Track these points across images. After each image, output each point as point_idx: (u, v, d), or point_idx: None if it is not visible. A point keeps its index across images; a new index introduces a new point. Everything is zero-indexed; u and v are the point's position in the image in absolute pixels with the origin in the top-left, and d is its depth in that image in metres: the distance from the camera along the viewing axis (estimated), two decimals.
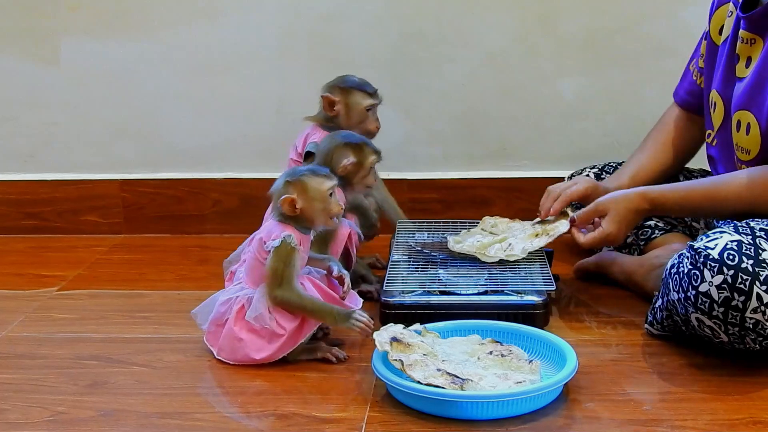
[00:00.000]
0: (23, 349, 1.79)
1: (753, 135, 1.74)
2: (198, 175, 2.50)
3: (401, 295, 1.79)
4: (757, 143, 1.74)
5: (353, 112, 2.02)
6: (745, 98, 1.76)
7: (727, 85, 1.83)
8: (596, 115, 2.42)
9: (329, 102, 2.01)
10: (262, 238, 1.68)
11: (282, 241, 1.64)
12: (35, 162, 2.53)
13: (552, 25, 2.39)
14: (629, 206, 1.79)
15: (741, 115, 1.78)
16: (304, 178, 1.67)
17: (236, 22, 2.42)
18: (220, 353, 1.69)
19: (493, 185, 2.45)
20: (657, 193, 1.80)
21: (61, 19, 2.44)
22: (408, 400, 1.51)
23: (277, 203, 1.67)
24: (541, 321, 1.77)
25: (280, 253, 1.64)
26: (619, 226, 1.79)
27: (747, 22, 1.78)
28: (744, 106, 1.77)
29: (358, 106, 2.02)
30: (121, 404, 1.56)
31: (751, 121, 1.75)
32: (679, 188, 1.82)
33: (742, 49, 1.80)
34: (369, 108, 2.02)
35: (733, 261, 1.51)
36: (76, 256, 2.35)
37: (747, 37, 1.78)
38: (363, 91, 2.02)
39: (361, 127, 2.01)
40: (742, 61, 1.80)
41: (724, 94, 1.85)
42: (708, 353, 1.66)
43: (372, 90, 2.03)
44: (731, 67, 1.83)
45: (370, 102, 2.02)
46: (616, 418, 1.47)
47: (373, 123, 2.03)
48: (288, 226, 1.66)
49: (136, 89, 2.47)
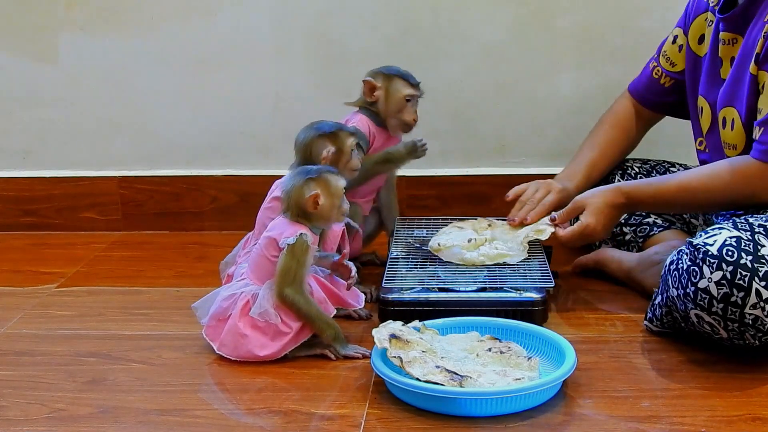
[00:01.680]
0: (22, 346, 1.78)
1: (737, 129, 1.77)
2: (196, 171, 2.50)
3: (400, 292, 1.79)
4: (742, 136, 1.76)
5: (392, 100, 2.00)
6: (728, 94, 1.79)
7: (712, 89, 1.86)
8: (593, 110, 2.40)
9: (370, 87, 2.01)
10: (273, 236, 1.68)
11: (297, 239, 1.65)
12: (33, 159, 2.53)
13: (548, 21, 2.39)
14: (606, 200, 1.83)
15: (726, 112, 1.80)
16: (327, 175, 1.70)
17: (233, 18, 2.42)
18: (221, 348, 1.69)
19: (491, 181, 2.45)
20: (632, 187, 1.84)
21: (57, 16, 2.44)
22: (407, 397, 1.51)
23: (295, 200, 1.68)
24: (540, 318, 1.77)
25: (295, 252, 1.65)
26: (597, 218, 1.83)
27: (726, 24, 1.81)
28: (727, 103, 1.80)
29: (398, 94, 2.00)
30: (120, 401, 1.56)
31: (735, 117, 1.77)
32: (654, 182, 1.86)
33: (724, 51, 1.83)
34: (409, 98, 2.00)
35: (732, 257, 1.51)
36: (74, 253, 2.35)
37: (728, 38, 1.82)
38: (405, 80, 2.01)
39: (398, 117, 2.01)
40: (726, 63, 1.83)
41: (709, 98, 1.87)
42: (707, 350, 1.66)
43: (415, 81, 2.02)
44: (715, 71, 1.86)
45: (410, 92, 2.00)
46: (615, 414, 1.47)
47: (410, 114, 2.01)
48: (301, 225, 1.68)
49: (134, 86, 2.47)
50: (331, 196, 1.69)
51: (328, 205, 1.69)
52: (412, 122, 2.02)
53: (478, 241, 1.94)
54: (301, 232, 1.66)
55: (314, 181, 1.69)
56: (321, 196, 1.68)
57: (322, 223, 1.71)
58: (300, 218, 1.69)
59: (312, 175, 1.69)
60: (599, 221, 1.83)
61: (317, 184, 1.68)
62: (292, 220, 1.69)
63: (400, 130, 2.05)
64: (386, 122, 2.03)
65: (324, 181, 1.69)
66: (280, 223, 1.70)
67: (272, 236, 1.68)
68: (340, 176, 1.72)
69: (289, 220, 1.69)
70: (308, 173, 1.70)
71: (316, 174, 1.70)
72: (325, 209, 1.69)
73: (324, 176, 1.70)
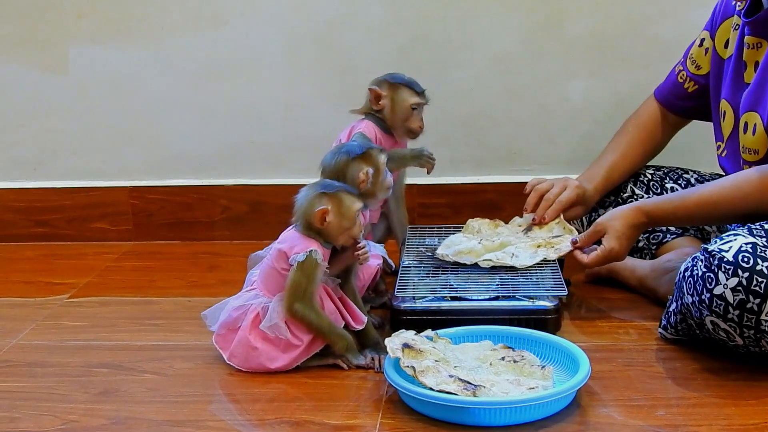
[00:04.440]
0: (34, 358, 1.78)
1: (759, 134, 1.75)
2: (206, 181, 2.50)
3: (412, 301, 1.79)
4: (764, 142, 1.74)
5: (398, 108, 2.01)
6: (751, 99, 1.78)
7: (736, 93, 1.85)
8: (604, 117, 2.41)
9: (376, 96, 2.01)
10: (284, 249, 1.65)
11: (308, 256, 1.63)
12: (44, 170, 2.53)
13: (558, 28, 2.39)
14: (627, 222, 1.83)
15: (748, 116, 1.79)
16: (341, 193, 1.65)
17: (242, 28, 2.42)
18: (231, 359, 1.68)
19: (502, 189, 2.44)
20: (652, 206, 1.83)
21: (68, 27, 2.45)
22: (420, 406, 1.50)
23: (303, 212, 1.65)
24: (553, 326, 1.76)
25: (305, 269, 1.62)
26: (621, 241, 1.82)
27: (751, 27, 1.80)
28: (750, 107, 1.78)
29: (404, 103, 2.01)
30: (132, 412, 1.55)
31: (757, 122, 1.76)
32: (674, 198, 1.83)
33: (749, 55, 1.82)
34: (415, 107, 2.01)
35: (748, 263, 1.50)
36: (85, 264, 2.35)
37: (752, 42, 1.80)
38: (411, 88, 2.01)
39: (405, 125, 2.02)
40: (750, 67, 1.82)
41: (733, 102, 1.86)
42: (722, 358, 1.65)
43: (420, 89, 2.02)
44: (739, 74, 1.85)
45: (416, 100, 2.01)
46: (630, 423, 1.47)
47: (417, 122, 2.02)
48: (312, 241, 1.65)
49: (144, 96, 2.48)
50: (340, 216, 1.64)
51: (336, 225, 1.65)
52: (418, 130, 2.03)
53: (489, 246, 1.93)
54: (312, 249, 1.63)
55: (327, 197, 1.64)
56: (330, 214, 1.63)
57: (330, 240, 1.67)
58: (310, 232, 1.66)
59: (327, 189, 1.65)
60: (622, 244, 1.83)
61: (329, 201, 1.64)
62: (303, 234, 1.66)
63: (407, 137, 2.06)
64: (393, 130, 2.03)
65: (337, 200, 1.64)
66: (291, 235, 1.67)
67: (283, 249, 1.65)
68: (358, 199, 1.67)
69: (300, 234, 1.66)
70: (325, 187, 1.66)
71: (334, 189, 1.65)
72: (333, 228, 1.65)
73: (339, 194, 1.65)
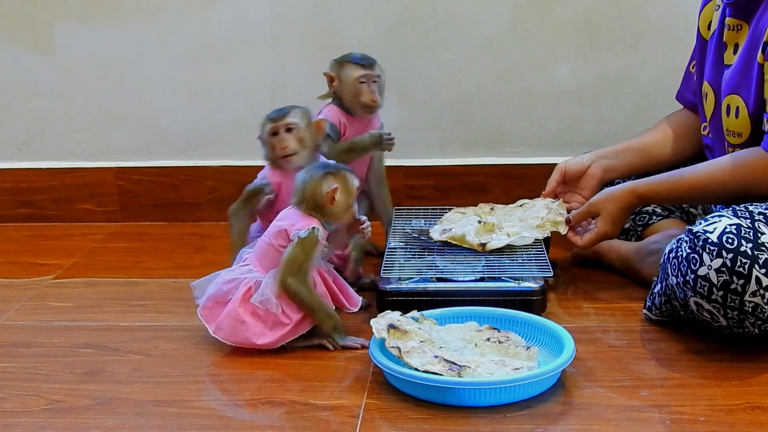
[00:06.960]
0: (19, 338, 1.78)
1: (742, 117, 1.76)
2: (193, 162, 2.50)
3: (398, 282, 1.79)
4: (747, 126, 1.75)
5: (346, 85, 1.99)
6: (734, 82, 1.78)
7: (717, 74, 1.85)
8: (592, 100, 2.41)
9: (330, 78, 2.01)
10: (284, 227, 1.67)
11: (309, 232, 1.65)
12: (30, 150, 2.52)
13: (547, 10, 2.38)
14: (620, 205, 1.85)
15: (730, 99, 1.79)
16: (345, 173, 1.70)
17: (230, 8, 2.41)
18: (217, 332, 1.68)
19: (490, 172, 2.45)
20: (645, 188, 1.85)
21: (55, 7, 2.43)
22: (405, 387, 1.50)
23: (310, 193, 1.67)
24: (539, 307, 1.76)
25: (305, 245, 1.64)
26: (614, 224, 1.86)
27: (732, 9, 1.80)
28: (733, 90, 1.79)
29: (349, 78, 1.98)
30: (117, 392, 1.55)
31: (740, 105, 1.76)
32: (666, 180, 1.84)
33: (729, 37, 1.82)
34: (362, 80, 1.97)
35: (732, 244, 1.50)
36: (71, 245, 2.35)
37: (733, 24, 1.80)
38: (353, 62, 1.98)
39: (356, 101, 1.99)
40: (729, 48, 1.82)
41: (714, 83, 1.86)
42: (707, 339, 1.66)
43: (366, 62, 1.99)
44: (720, 55, 1.85)
45: (361, 73, 1.97)
46: (614, 404, 1.47)
47: (367, 95, 1.97)
48: (314, 219, 1.67)
49: (131, 76, 2.47)
50: (347, 193, 1.69)
51: (344, 202, 1.69)
52: (370, 102, 1.98)
53: (488, 225, 1.93)
54: (314, 226, 1.66)
55: (333, 176, 1.69)
56: (339, 192, 1.68)
57: (333, 219, 1.70)
58: (313, 212, 1.68)
59: (331, 170, 1.70)
60: (616, 226, 1.87)
61: (336, 180, 1.68)
62: (305, 213, 1.68)
63: (365, 114, 2.01)
64: (351, 109, 2.01)
65: (343, 178, 1.69)
66: (291, 214, 1.70)
67: (283, 227, 1.68)
68: (355, 175, 1.72)
69: (301, 213, 1.69)
70: (327, 168, 1.70)
71: (338, 170, 1.70)
72: (341, 206, 1.69)
73: (343, 173, 1.70)
